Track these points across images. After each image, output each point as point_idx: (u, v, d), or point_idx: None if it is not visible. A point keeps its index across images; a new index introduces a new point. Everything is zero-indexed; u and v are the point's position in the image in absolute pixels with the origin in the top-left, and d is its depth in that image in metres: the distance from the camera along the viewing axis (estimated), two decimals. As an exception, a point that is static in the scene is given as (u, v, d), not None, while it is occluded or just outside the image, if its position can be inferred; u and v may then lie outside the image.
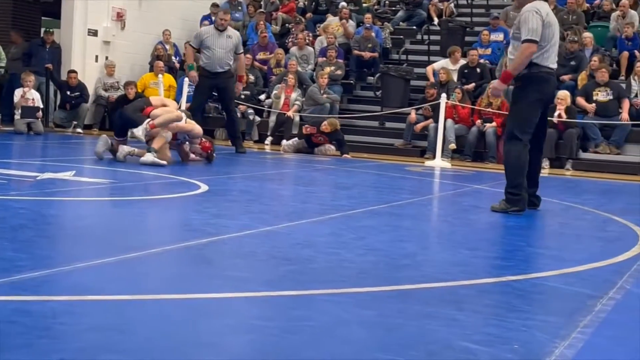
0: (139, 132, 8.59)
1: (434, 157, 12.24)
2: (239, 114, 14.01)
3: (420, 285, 3.51)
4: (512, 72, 6.24)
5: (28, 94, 12.71)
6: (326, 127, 12.30)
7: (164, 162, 8.41)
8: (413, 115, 13.26)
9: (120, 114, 9.09)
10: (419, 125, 13.25)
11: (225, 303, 3.05)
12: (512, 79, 6.32)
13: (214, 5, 16.96)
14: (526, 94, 6.24)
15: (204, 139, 9.30)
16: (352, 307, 3.07)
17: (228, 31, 11.16)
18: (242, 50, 11.48)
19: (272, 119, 13.97)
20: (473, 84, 13.83)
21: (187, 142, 9.17)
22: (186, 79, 14.10)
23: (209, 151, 9.32)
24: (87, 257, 3.55)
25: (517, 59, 6.18)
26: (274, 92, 14.24)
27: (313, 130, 12.35)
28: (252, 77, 14.74)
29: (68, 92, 13.92)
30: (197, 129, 9.10)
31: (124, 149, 8.69)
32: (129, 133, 8.87)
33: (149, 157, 8.37)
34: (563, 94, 12.29)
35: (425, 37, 16.31)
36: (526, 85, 6.24)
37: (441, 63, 14.36)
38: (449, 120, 12.76)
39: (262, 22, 16.06)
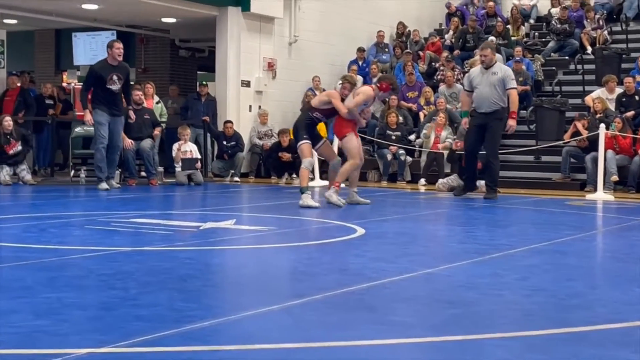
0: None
1: (595, 190, 11.79)
2: (389, 156, 14.07)
3: (593, 327, 3.35)
4: None
5: (184, 147, 13.20)
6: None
7: (318, 204, 8.67)
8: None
9: None
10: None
11: (390, 349, 3.02)
12: None
13: (360, 50, 17.18)
14: None
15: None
16: (523, 351, 2.96)
17: (494, 67, 10.62)
18: (512, 85, 10.56)
19: (423, 158, 13.92)
20: (632, 112, 13.27)
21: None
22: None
23: None
24: (252, 306, 3.61)
25: None
26: (424, 131, 14.20)
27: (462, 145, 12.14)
28: (401, 118, 14.76)
29: (225, 142, 14.39)
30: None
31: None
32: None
33: (305, 199, 8.70)
34: None
35: (579, 66, 15.86)
36: None
37: (597, 93, 13.90)
38: (610, 151, 12.28)
39: (409, 63, 16.09)
